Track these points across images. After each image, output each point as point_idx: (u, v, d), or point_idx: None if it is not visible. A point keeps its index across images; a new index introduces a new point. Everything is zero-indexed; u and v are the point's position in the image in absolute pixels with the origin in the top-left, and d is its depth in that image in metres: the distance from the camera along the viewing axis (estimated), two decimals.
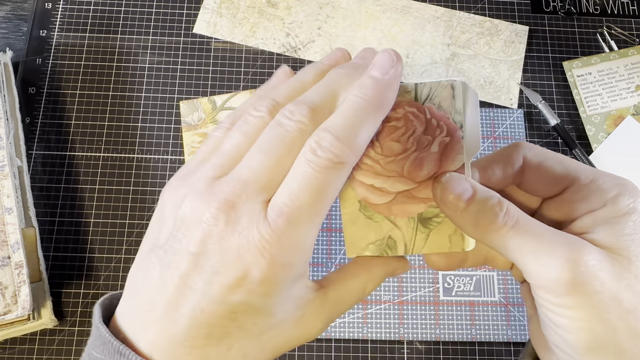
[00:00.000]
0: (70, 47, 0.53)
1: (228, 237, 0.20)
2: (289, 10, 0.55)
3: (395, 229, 0.26)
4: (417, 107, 0.24)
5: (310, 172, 0.20)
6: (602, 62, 0.53)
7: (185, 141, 0.50)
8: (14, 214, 0.42)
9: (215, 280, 0.20)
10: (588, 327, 0.21)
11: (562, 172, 0.24)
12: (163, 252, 0.21)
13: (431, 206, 0.25)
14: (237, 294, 0.20)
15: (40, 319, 0.44)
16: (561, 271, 0.21)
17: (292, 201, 0.20)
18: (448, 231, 0.25)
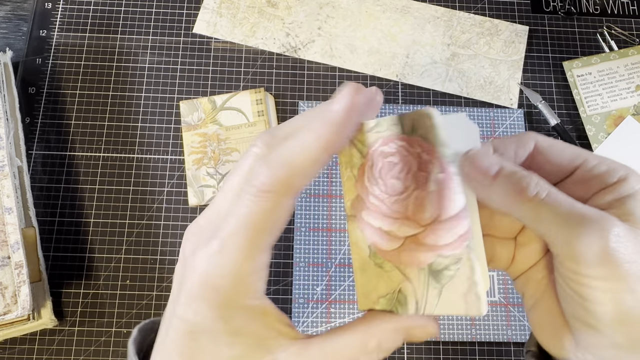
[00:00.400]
0: (70, 47, 0.53)
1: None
2: (289, 10, 0.55)
3: (406, 282, 0.24)
4: (407, 140, 0.23)
5: (243, 201, 0.21)
6: (602, 62, 0.53)
7: (185, 141, 0.50)
8: (14, 214, 0.42)
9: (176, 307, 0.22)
10: (618, 298, 0.21)
11: (571, 154, 0.24)
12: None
13: (440, 256, 0.23)
14: (189, 314, 0.21)
15: (40, 319, 0.44)
16: (593, 241, 0.21)
17: (227, 229, 0.21)
18: (461, 289, 0.23)
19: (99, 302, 0.46)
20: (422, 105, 0.52)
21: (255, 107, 0.51)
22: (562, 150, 0.25)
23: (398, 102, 0.52)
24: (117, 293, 0.47)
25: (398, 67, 0.53)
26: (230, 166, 0.49)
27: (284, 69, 0.53)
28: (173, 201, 0.49)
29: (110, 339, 0.45)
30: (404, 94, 0.53)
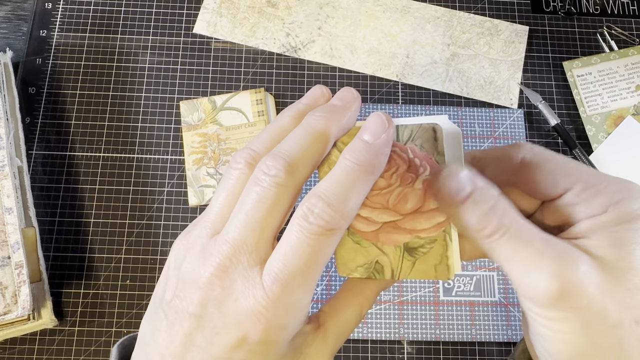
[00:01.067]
0: (70, 47, 0.53)
1: (226, 302, 0.21)
2: (289, 10, 0.55)
3: (382, 255, 0.26)
4: (400, 147, 0.25)
5: (303, 238, 0.21)
6: (602, 62, 0.53)
7: (185, 141, 0.50)
8: (14, 214, 0.42)
9: (216, 340, 0.21)
10: (571, 340, 0.21)
11: (562, 175, 0.23)
12: (169, 309, 0.23)
13: (416, 237, 0.26)
14: (237, 354, 0.21)
15: (40, 319, 0.44)
16: (547, 284, 0.20)
17: (286, 267, 0.21)
18: (433, 261, 0.26)
19: (99, 302, 0.46)
20: (422, 106, 0.52)
21: (255, 107, 0.51)
22: (552, 170, 0.24)
23: (398, 102, 0.52)
24: (117, 293, 0.47)
25: (398, 67, 0.53)
26: None
27: (284, 69, 0.53)
28: (173, 201, 0.49)
29: (110, 339, 0.45)
30: (404, 94, 0.53)
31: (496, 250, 0.22)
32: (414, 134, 0.25)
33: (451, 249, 0.25)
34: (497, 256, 0.22)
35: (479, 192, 0.22)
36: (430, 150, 0.25)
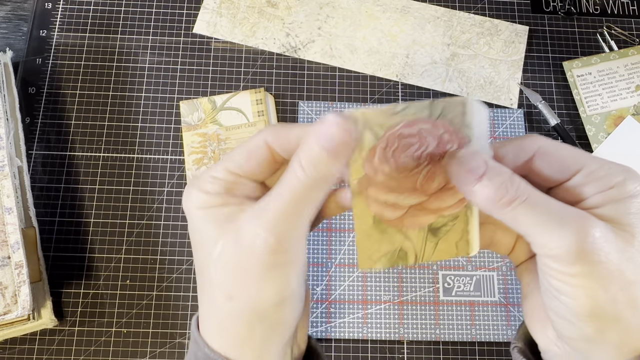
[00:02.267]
0: (70, 47, 0.53)
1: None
2: (289, 10, 0.55)
3: (406, 241, 0.27)
4: (431, 123, 0.25)
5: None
6: (602, 62, 0.53)
7: (185, 141, 0.50)
8: (14, 214, 0.42)
9: None
10: (591, 295, 0.22)
11: (572, 159, 0.25)
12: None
13: (441, 216, 0.27)
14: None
15: (40, 319, 0.44)
16: (569, 241, 0.22)
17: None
18: (455, 238, 0.27)
19: (99, 302, 0.46)
20: None
21: (255, 107, 0.51)
22: (562, 155, 0.26)
23: (398, 102, 0.52)
24: (117, 293, 0.47)
25: (398, 67, 0.53)
26: None
27: (284, 69, 0.53)
28: (173, 201, 0.49)
29: (110, 339, 0.45)
30: (404, 94, 0.53)
31: (517, 217, 0.23)
32: (445, 109, 0.25)
33: (471, 222, 0.27)
34: (518, 222, 0.23)
35: (492, 169, 0.24)
36: (460, 124, 0.25)
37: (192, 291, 0.47)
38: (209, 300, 0.26)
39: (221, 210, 0.26)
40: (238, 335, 0.26)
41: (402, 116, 0.25)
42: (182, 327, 0.46)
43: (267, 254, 0.25)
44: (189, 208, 0.27)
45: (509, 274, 0.47)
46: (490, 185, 0.23)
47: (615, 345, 0.23)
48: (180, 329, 0.46)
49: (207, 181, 0.26)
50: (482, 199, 0.24)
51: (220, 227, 0.26)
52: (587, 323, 0.23)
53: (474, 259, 0.47)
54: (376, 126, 0.26)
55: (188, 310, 0.46)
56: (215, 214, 0.26)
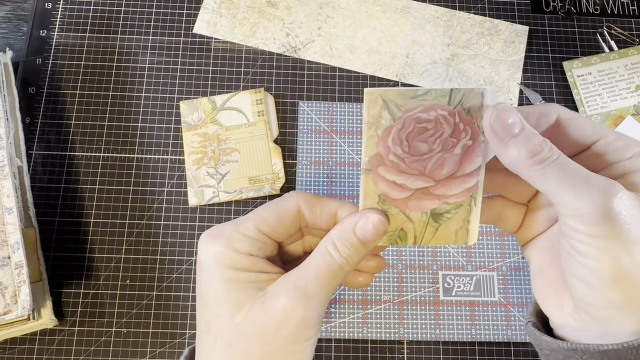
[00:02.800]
0: (70, 47, 0.53)
1: None
2: (289, 10, 0.55)
3: (408, 222, 0.28)
4: (449, 111, 0.26)
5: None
6: (602, 62, 0.53)
7: (185, 141, 0.50)
8: (14, 214, 0.42)
9: None
10: (615, 257, 0.22)
11: (591, 129, 0.26)
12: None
13: (445, 203, 0.27)
14: None
15: (40, 319, 0.44)
16: (596, 202, 0.22)
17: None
18: (455, 226, 0.28)
19: (99, 302, 0.46)
20: None
21: (255, 107, 0.51)
22: (582, 124, 0.26)
23: None
24: (117, 293, 0.47)
25: (398, 67, 0.53)
26: (230, 166, 0.49)
27: (284, 69, 0.53)
28: (173, 201, 0.49)
29: (110, 339, 0.45)
30: None
31: (547, 175, 0.24)
32: (464, 98, 0.26)
33: (474, 213, 0.27)
34: (547, 180, 0.24)
35: (528, 128, 0.24)
36: (475, 115, 0.26)
37: (192, 291, 0.47)
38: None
39: (248, 275, 0.26)
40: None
41: (422, 100, 0.26)
42: (182, 327, 0.46)
43: (298, 331, 0.25)
44: (209, 264, 0.26)
45: (509, 274, 0.47)
46: (525, 143, 0.24)
47: (638, 311, 0.23)
48: (180, 329, 0.46)
49: (237, 239, 0.26)
50: (513, 155, 0.24)
51: (245, 293, 0.26)
52: (611, 287, 0.23)
53: (473, 259, 0.48)
54: (394, 106, 0.26)
55: (188, 310, 0.46)
56: (241, 278, 0.26)
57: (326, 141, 0.51)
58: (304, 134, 0.51)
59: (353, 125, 0.51)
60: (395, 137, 0.26)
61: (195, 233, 0.48)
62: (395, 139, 0.26)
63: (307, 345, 0.26)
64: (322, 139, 0.51)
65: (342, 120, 0.51)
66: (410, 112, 0.26)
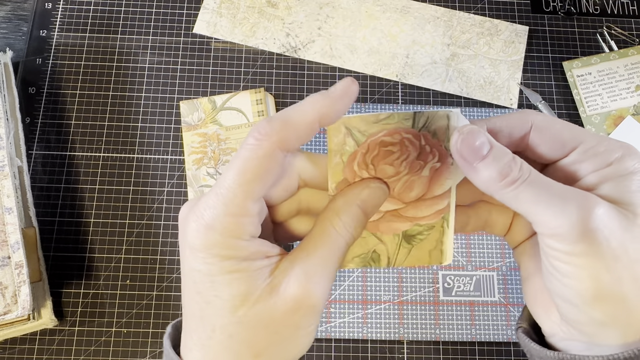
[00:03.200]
0: (70, 47, 0.53)
1: None
2: (289, 10, 0.55)
3: (380, 244, 0.27)
4: (414, 134, 0.25)
5: (240, 152, 0.23)
6: (602, 62, 0.53)
7: (185, 141, 0.50)
8: (14, 214, 0.42)
9: None
10: (595, 275, 0.22)
11: (569, 135, 0.25)
12: None
13: (416, 225, 0.27)
14: None
15: (40, 319, 0.44)
16: (572, 220, 0.22)
17: (222, 182, 0.24)
18: (428, 247, 0.27)
19: (99, 302, 0.46)
20: (422, 106, 0.52)
21: (255, 107, 0.51)
22: (559, 131, 0.25)
23: (398, 102, 0.52)
24: (117, 293, 0.47)
25: (398, 67, 0.53)
26: None
27: (284, 69, 0.53)
28: (173, 201, 0.49)
29: (110, 339, 0.45)
30: (404, 94, 0.53)
31: (519, 196, 0.23)
32: (429, 121, 0.25)
33: (447, 234, 0.27)
34: (520, 201, 0.23)
35: (497, 149, 0.23)
36: (442, 137, 0.25)
37: None
38: (226, 351, 0.24)
39: (251, 264, 0.23)
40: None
41: (385, 124, 0.25)
42: None
43: (309, 316, 0.24)
44: (202, 254, 0.23)
45: (509, 274, 0.47)
46: (494, 165, 0.23)
47: (622, 326, 0.23)
48: None
49: (232, 224, 0.23)
50: (484, 179, 0.23)
51: (249, 283, 0.23)
52: (593, 306, 0.22)
53: (473, 259, 0.48)
54: (357, 132, 0.26)
55: None
56: (243, 268, 0.23)
57: (326, 141, 0.51)
58: None
59: None
60: (361, 161, 0.26)
61: None
62: (360, 163, 0.26)
63: (313, 330, 0.25)
64: (322, 139, 0.51)
65: None
66: (374, 137, 0.26)
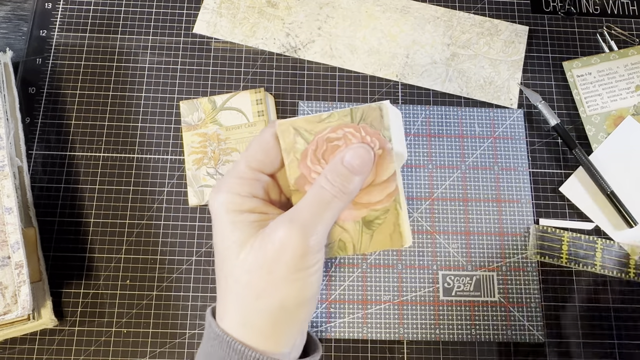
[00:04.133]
0: (70, 47, 0.53)
1: None
2: (289, 10, 0.55)
3: (344, 233, 0.31)
4: (354, 127, 0.29)
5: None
6: (602, 62, 0.53)
7: (185, 141, 0.50)
8: (14, 214, 0.42)
9: None
10: None
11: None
12: None
13: (372, 210, 0.30)
14: None
15: (40, 319, 0.44)
16: None
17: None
18: (388, 231, 0.30)
19: (99, 302, 0.46)
20: (421, 106, 0.52)
21: (255, 107, 0.51)
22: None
23: (398, 102, 0.52)
24: (117, 293, 0.47)
25: (398, 67, 0.53)
26: (230, 166, 0.49)
27: (284, 69, 0.53)
28: (173, 201, 0.49)
29: (110, 339, 0.45)
30: (404, 94, 0.53)
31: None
32: (365, 114, 0.29)
33: (401, 216, 0.30)
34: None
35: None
36: (379, 126, 0.29)
37: (192, 291, 0.47)
38: (235, 296, 0.29)
39: (249, 216, 0.29)
40: (261, 328, 0.29)
41: (327, 123, 0.30)
42: (182, 327, 0.46)
43: (296, 258, 0.28)
44: (218, 211, 0.29)
45: (509, 274, 0.47)
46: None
47: None
48: (180, 329, 0.46)
49: (235, 183, 0.30)
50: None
51: (248, 231, 0.29)
52: None
53: (473, 259, 0.48)
54: (305, 132, 0.30)
55: (188, 310, 0.46)
56: (243, 219, 0.29)
57: None
58: None
59: None
60: (312, 157, 0.30)
61: (195, 233, 0.48)
62: (312, 159, 0.30)
63: (308, 274, 0.28)
64: None
65: None
66: (320, 134, 0.30)
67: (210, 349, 0.30)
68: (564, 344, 0.46)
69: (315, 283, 0.29)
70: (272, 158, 0.31)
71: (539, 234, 0.48)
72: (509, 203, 0.49)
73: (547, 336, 0.46)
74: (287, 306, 0.29)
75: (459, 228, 0.48)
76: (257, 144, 0.31)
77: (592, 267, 0.47)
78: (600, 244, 0.48)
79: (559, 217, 0.49)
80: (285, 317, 0.29)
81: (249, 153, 0.31)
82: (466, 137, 0.51)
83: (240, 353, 0.28)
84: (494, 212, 0.49)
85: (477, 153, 0.51)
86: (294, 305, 0.29)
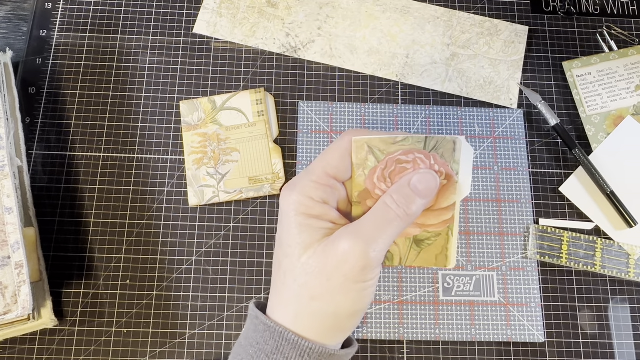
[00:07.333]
0: (70, 47, 0.53)
1: None
2: (289, 10, 0.55)
3: (394, 246, 0.33)
4: (425, 154, 0.31)
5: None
6: (602, 62, 0.53)
7: (185, 141, 0.50)
8: (14, 214, 0.42)
9: None
10: None
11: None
12: None
13: (425, 231, 0.32)
14: None
15: (40, 319, 0.44)
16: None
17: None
18: (435, 252, 0.32)
19: (99, 302, 0.46)
20: (421, 106, 0.52)
21: (255, 107, 0.51)
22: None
23: (398, 102, 0.52)
24: (117, 293, 0.47)
25: (398, 67, 0.53)
26: (230, 166, 0.49)
27: (284, 69, 0.53)
28: (173, 201, 0.49)
29: (110, 339, 0.45)
30: (404, 94, 0.53)
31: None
32: (438, 144, 0.31)
33: (451, 242, 0.32)
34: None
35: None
36: (449, 159, 0.31)
37: (192, 291, 0.47)
38: (291, 293, 0.30)
39: (317, 222, 0.30)
40: (311, 327, 0.30)
41: (401, 145, 0.31)
42: (182, 327, 0.46)
43: (356, 270, 0.29)
44: (288, 210, 0.31)
45: (509, 274, 0.47)
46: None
47: None
48: (180, 329, 0.46)
49: (309, 186, 0.31)
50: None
51: (314, 236, 0.30)
52: None
53: (473, 259, 0.48)
54: (378, 151, 0.31)
55: (188, 310, 0.46)
56: (311, 223, 0.30)
57: (326, 141, 0.51)
58: (304, 134, 0.51)
59: (353, 126, 0.51)
60: (380, 175, 0.31)
61: (195, 233, 0.48)
62: (380, 177, 0.31)
63: (364, 287, 0.30)
64: (322, 139, 0.51)
65: (342, 121, 0.51)
66: (392, 155, 0.31)
67: (259, 339, 0.31)
68: (564, 344, 0.46)
69: (369, 296, 0.31)
70: (347, 166, 0.32)
71: (539, 234, 0.48)
72: (508, 203, 0.49)
73: (547, 336, 0.46)
74: (340, 314, 0.30)
75: (459, 228, 0.48)
76: (335, 151, 0.31)
77: (592, 267, 0.47)
78: (600, 244, 0.48)
79: (559, 217, 0.49)
80: (335, 323, 0.30)
81: (326, 158, 0.32)
82: (466, 137, 0.51)
83: (293, 343, 0.29)
84: (494, 212, 0.49)
85: (477, 153, 0.51)
86: (346, 315, 0.30)
